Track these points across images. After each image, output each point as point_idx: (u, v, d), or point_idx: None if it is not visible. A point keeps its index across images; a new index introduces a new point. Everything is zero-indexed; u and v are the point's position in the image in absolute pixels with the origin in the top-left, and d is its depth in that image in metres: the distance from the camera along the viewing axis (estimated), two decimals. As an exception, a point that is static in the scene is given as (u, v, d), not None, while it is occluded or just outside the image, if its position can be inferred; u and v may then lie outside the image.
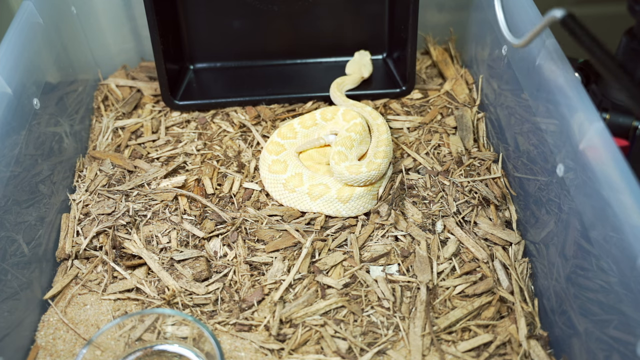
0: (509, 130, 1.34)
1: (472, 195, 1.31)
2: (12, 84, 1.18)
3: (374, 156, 1.30)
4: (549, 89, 1.12)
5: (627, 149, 1.43)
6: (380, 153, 1.30)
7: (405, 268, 1.18)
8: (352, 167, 1.26)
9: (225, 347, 1.08)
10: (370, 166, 1.27)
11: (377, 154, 1.30)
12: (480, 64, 1.56)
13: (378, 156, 1.29)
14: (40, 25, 1.38)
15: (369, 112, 1.42)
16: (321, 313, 1.12)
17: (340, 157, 1.29)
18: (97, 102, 1.61)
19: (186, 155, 1.44)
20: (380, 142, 1.34)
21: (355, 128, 1.36)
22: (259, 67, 1.68)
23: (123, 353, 1.05)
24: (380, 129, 1.38)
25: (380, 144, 1.33)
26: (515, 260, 1.20)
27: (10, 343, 1.05)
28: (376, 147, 1.33)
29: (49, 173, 1.29)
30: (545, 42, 1.17)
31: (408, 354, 1.05)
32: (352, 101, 1.48)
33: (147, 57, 1.76)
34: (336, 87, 1.51)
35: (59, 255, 1.23)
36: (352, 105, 1.46)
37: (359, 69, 1.58)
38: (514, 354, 1.06)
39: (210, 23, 1.61)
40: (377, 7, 1.61)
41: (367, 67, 1.59)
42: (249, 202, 1.33)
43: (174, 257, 1.21)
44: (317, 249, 1.22)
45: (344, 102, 1.47)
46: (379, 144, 1.33)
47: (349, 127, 1.38)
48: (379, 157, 1.29)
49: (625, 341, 0.86)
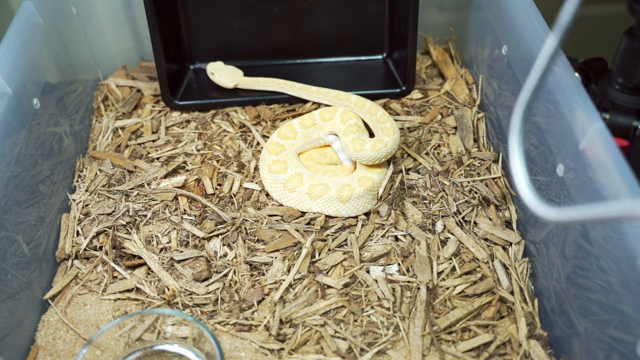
0: (509, 130, 1.34)
1: (472, 195, 1.31)
2: (12, 84, 1.18)
3: (382, 132, 1.34)
4: (549, 89, 1.12)
5: (627, 149, 1.43)
6: (388, 126, 1.34)
7: (405, 268, 1.18)
8: (376, 144, 1.30)
9: (225, 347, 1.08)
10: (389, 134, 1.31)
11: (384, 129, 1.34)
12: (480, 64, 1.56)
13: (386, 130, 1.33)
14: (40, 25, 1.38)
15: (354, 102, 1.45)
16: (321, 313, 1.12)
17: (358, 144, 1.31)
18: (97, 102, 1.61)
19: (186, 155, 1.44)
20: (381, 119, 1.37)
21: (350, 129, 1.37)
22: (259, 67, 1.67)
23: (123, 353, 1.05)
24: (372, 110, 1.41)
25: (382, 120, 1.37)
26: (515, 260, 1.20)
27: (10, 343, 1.05)
28: (379, 123, 1.37)
29: (49, 173, 1.29)
30: (545, 42, 1.17)
31: (408, 354, 1.05)
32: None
33: (147, 57, 1.76)
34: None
35: (59, 255, 1.23)
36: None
37: (231, 79, 1.58)
38: (514, 354, 1.06)
39: (210, 23, 1.61)
40: (377, 7, 1.61)
41: (232, 76, 1.59)
42: (249, 202, 1.33)
43: (174, 257, 1.21)
44: (317, 249, 1.22)
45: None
46: (380, 121, 1.37)
47: (345, 129, 1.38)
48: (389, 121, 1.35)
49: (625, 341, 0.86)
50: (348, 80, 1.62)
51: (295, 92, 1.54)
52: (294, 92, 1.54)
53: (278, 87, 1.55)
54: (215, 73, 1.58)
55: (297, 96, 1.55)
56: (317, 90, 1.52)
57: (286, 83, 1.55)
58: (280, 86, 1.55)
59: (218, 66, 1.59)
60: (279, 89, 1.56)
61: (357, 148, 1.30)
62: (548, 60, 0.76)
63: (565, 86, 1.07)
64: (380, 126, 1.36)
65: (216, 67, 1.59)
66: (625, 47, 1.38)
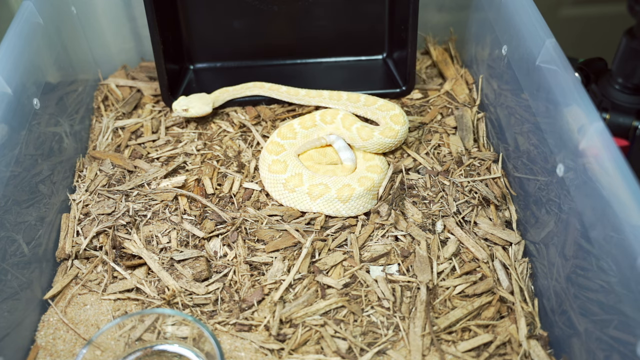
0: (509, 130, 1.34)
1: (472, 195, 1.31)
2: (12, 84, 1.18)
3: (390, 119, 1.38)
4: (549, 89, 1.12)
5: (627, 149, 1.44)
6: (396, 113, 1.39)
7: (405, 268, 1.18)
8: (385, 131, 1.34)
9: (225, 347, 1.08)
10: (398, 120, 1.36)
11: (394, 116, 1.38)
12: (480, 64, 1.56)
13: (394, 117, 1.37)
14: (40, 25, 1.38)
15: (346, 99, 1.47)
16: (321, 313, 1.12)
17: (366, 131, 1.35)
18: (97, 102, 1.61)
19: (186, 155, 1.44)
20: (383, 107, 1.42)
21: (354, 121, 1.40)
22: (259, 67, 1.68)
23: (123, 353, 1.05)
24: (368, 102, 1.44)
25: (384, 108, 1.41)
26: (515, 260, 1.20)
27: (10, 343, 1.05)
28: (381, 111, 1.41)
29: (49, 173, 1.29)
30: (545, 42, 1.17)
31: (408, 354, 1.05)
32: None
33: (147, 57, 1.76)
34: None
35: (59, 255, 1.23)
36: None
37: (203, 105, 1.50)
38: (514, 354, 1.06)
39: (210, 23, 1.61)
40: (377, 7, 1.61)
41: (203, 100, 1.50)
42: (249, 202, 1.33)
43: (174, 257, 1.21)
44: (317, 249, 1.22)
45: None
46: (382, 109, 1.41)
47: (347, 125, 1.39)
48: (395, 109, 1.40)
49: (625, 341, 0.86)
50: (348, 80, 1.62)
51: (266, 92, 1.55)
52: (266, 93, 1.55)
53: (249, 92, 1.55)
54: (189, 108, 1.47)
55: (278, 98, 1.56)
56: (307, 92, 1.52)
57: (258, 85, 1.54)
58: (250, 90, 1.55)
59: (185, 102, 1.48)
60: (256, 93, 1.55)
61: (365, 136, 1.34)
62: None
63: (565, 86, 1.07)
64: (387, 114, 1.40)
65: (183, 103, 1.48)
66: (625, 47, 1.38)
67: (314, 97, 1.50)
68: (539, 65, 1.17)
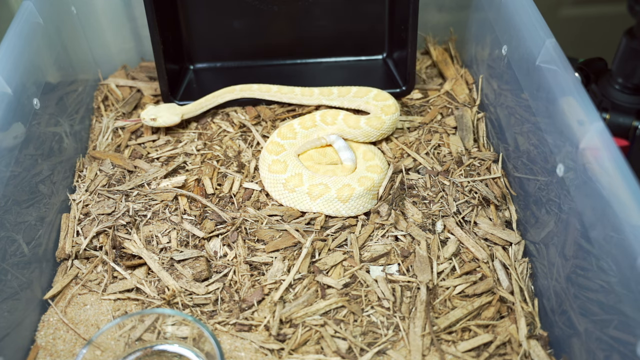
0: (509, 130, 1.34)
1: (472, 195, 1.31)
2: (12, 84, 1.18)
3: (381, 109, 1.41)
4: (549, 88, 1.12)
5: (627, 149, 1.44)
6: (388, 104, 1.42)
7: (405, 268, 1.18)
8: (371, 120, 1.38)
9: (225, 347, 1.08)
10: (387, 111, 1.40)
11: (385, 107, 1.41)
12: (480, 64, 1.56)
13: (385, 107, 1.41)
14: (40, 25, 1.38)
15: (337, 95, 1.50)
16: (321, 313, 1.12)
17: (353, 120, 1.39)
18: (97, 102, 1.61)
19: (186, 155, 1.44)
20: (377, 97, 1.45)
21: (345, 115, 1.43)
22: (259, 67, 1.68)
23: (123, 353, 1.05)
24: (360, 93, 1.47)
25: (379, 98, 1.44)
26: (515, 260, 1.20)
27: (10, 343, 1.05)
28: (376, 101, 1.44)
29: (49, 173, 1.29)
30: (545, 42, 1.17)
31: (408, 354, 1.05)
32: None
33: (147, 57, 1.76)
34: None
35: (59, 255, 1.23)
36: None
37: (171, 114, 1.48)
38: (514, 354, 1.06)
39: (210, 23, 1.61)
40: (377, 7, 1.61)
41: (172, 110, 1.48)
42: (249, 202, 1.33)
43: (174, 257, 1.21)
44: (317, 249, 1.22)
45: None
46: (377, 98, 1.44)
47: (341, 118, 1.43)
48: (389, 100, 1.43)
49: (625, 341, 0.86)
50: (348, 80, 1.62)
51: (250, 94, 1.54)
52: (253, 94, 1.54)
53: (221, 99, 1.53)
54: (157, 117, 1.45)
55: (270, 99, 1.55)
56: (302, 91, 1.53)
57: (229, 90, 1.52)
58: (226, 95, 1.53)
59: (153, 111, 1.46)
60: (235, 97, 1.53)
61: (351, 124, 1.37)
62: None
63: (565, 86, 1.07)
64: (379, 104, 1.43)
65: (152, 112, 1.45)
66: (625, 47, 1.38)
67: (325, 95, 1.52)
68: (539, 65, 1.17)
